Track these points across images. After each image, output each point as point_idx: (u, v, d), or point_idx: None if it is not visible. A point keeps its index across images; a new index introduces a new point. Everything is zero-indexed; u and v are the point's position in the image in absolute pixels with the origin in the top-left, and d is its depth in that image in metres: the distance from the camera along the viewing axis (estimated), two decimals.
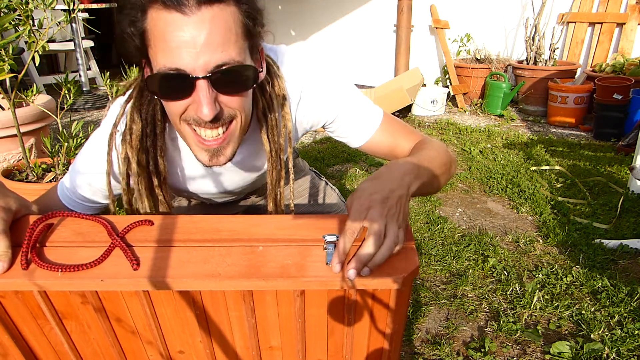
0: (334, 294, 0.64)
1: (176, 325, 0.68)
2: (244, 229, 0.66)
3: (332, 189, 1.32)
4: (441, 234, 2.19)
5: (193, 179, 0.96)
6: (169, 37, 0.68)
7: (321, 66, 0.93)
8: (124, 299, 0.64)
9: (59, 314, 0.66)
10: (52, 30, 1.77)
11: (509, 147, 3.33)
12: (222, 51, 0.70)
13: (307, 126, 0.98)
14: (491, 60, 4.37)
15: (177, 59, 0.69)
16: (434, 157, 0.84)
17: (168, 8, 0.68)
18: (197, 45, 0.68)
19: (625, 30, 4.03)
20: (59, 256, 0.64)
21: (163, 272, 0.59)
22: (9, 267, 0.62)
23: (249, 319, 0.65)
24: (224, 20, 0.69)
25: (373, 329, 0.68)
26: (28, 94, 2.05)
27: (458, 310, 1.69)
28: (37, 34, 1.61)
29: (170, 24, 0.68)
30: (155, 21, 0.70)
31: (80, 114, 4.27)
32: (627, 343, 1.49)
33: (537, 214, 2.36)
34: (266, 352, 0.71)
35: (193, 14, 0.68)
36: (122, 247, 0.63)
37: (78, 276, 0.60)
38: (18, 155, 2.19)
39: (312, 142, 3.59)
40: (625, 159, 3.03)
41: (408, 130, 0.98)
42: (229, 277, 0.58)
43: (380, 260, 0.62)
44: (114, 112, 0.88)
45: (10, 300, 0.64)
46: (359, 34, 5.09)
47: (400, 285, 0.59)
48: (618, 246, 2.01)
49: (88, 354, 0.72)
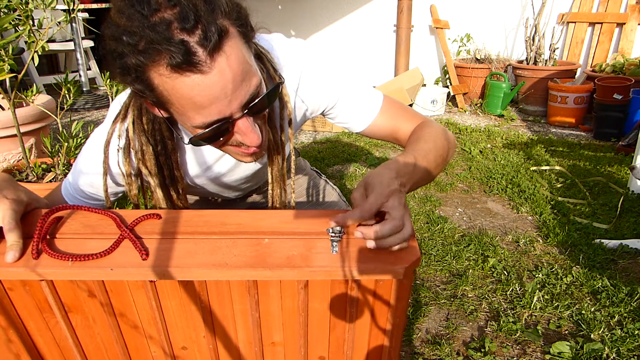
0: (337, 287, 0.65)
1: (180, 320, 0.68)
2: (249, 223, 0.68)
3: (332, 188, 1.32)
4: (441, 234, 2.19)
5: (197, 177, 0.97)
6: (197, 99, 0.67)
7: (318, 52, 0.93)
8: (130, 292, 0.65)
9: (65, 308, 0.67)
10: (52, 30, 1.77)
11: (509, 147, 3.33)
12: (247, 84, 0.70)
13: (308, 112, 0.98)
14: (491, 60, 4.37)
15: (214, 112, 0.69)
16: (429, 150, 0.85)
17: (182, 71, 0.64)
18: (228, 94, 0.68)
19: (625, 30, 4.03)
20: (68, 247, 0.65)
21: (171, 262, 0.60)
22: (20, 256, 0.63)
23: (252, 312, 0.66)
24: (236, 56, 0.67)
25: (374, 324, 0.69)
26: (28, 94, 2.05)
27: (458, 310, 1.69)
28: (37, 34, 1.61)
29: (193, 88, 0.66)
30: (171, 85, 0.66)
31: (80, 114, 4.27)
32: (627, 343, 1.49)
33: (537, 214, 2.36)
34: (268, 348, 0.71)
35: (211, 69, 0.65)
36: (131, 238, 0.64)
37: (88, 265, 0.61)
38: (18, 155, 2.19)
39: (312, 142, 3.59)
40: (625, 159, 3.03)
41: (409, 112, 0.99)
42: (235, 267, 0.59)
43: (390, 243, 0.64)
44: (113, 111, 0.88)
45: (18, 292, 0.65)
46: (359, 34, 5.09)
47: (402, 276, 0.60)
48: (618, 246, 2.01)
49: (91, 350, 0.72)
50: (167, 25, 0.62)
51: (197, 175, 0.96)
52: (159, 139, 0.85)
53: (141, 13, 0.63)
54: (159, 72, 0.65)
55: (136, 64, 0.65)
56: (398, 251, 0.64)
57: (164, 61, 0.64)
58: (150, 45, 0.63)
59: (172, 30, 0.62)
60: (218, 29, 0.64)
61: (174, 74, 0.64)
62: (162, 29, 0.62)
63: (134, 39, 0.63)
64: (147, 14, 0.63)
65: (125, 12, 0.64)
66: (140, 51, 0.64)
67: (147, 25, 0.63)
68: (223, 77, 0.66)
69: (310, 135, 3.76)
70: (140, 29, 0.63)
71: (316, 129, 3.88)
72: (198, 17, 0.63)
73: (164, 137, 0.85)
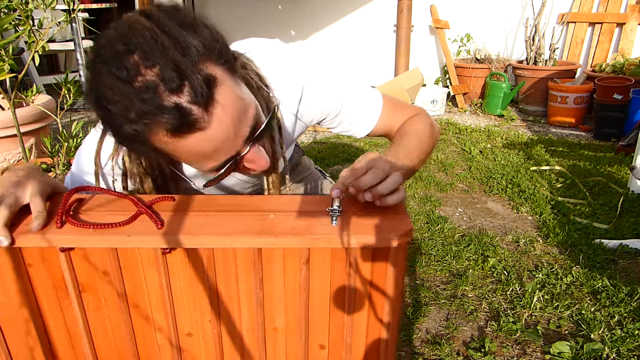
0: (337, 264, 0.69)
1: (188, 301, 0.72)
2: (257, 204, 0.75)
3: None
4: (441, 234, 2.19)
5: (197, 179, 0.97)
6: (204, 151, 0.67)
7: (319, 60, 0.93)
8: (142, 268, 0.69)
9: (80, 286, 0.71)
10: (52, 30, 1.77)
11: (509, 147, 3.33)
12: (246, 119, 0.70)
13: (308, 120, 0.98)
14: (491, 60, 4.37)
15: (222, 156, 0.70)
16: (413, 148, 0.89)
17: (182, 134, 0.63)
18: (231, 137, 0.68)
19: (625, 30, 4.03)
20: (89, 219, 0.71)
21: (183, 230, 0.67)
22: (45, 226, 0.67)
23: (257, 291, 0.70)
24: (230, 98, 0.66)
25: (372, 309, 0.72)
26: (28, 94, 2.05)
27: (458, 310, 1.69)
28: (37, 34, 1.61)
29: (197, 144, 0.65)
30: (173, 146, 0.66)
31: (80, 114, 4.27)
32: (627, 343, 1.49)
33: (537, 214, 2.36)
34: (270, 334, 0.74)
35: (210, 123, 0.64)
36: (148, 212, 0.70)
37: (107, 233, 0.66)
38: (18, 155, 2.19)
39: (312, 142, 3.59)
40: (625, 159, 3.03)
41: (401, 108, 1.02)
42: (243, 234, 0.65)
43: (383, 190, 0.68)
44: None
45: (37, 269, 0.70)
46: (359, 34, 5.09)
47: (396, 243, 0.65)
48: (618, 246, 2.01)
49: (99, 337, 0.75)
50: (154, 91, 0.60)
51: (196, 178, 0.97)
52: (155, 165, 0.85)
53: (121, 79, 0.60)
54: (158, 139, 0.65)
55: (133, 133, 0.64)
56: (392, 220, 0.69)
57: (162, 128, 0.63)
58: (143, 116, 0.61)
59: (160, 95, 0.60)
60: (205, 80, 0.62)
61: (174, 138, 0.64)
62: (149, 96, 0.60)
63: (122, 109, 0.61)
64: (128, 80, 0.60)
65: (104, 81, 0.61)
66: (133, 120, 0.62)
67: (132, 93, 0.60)
68: (222, 125, 0.65)
69: (310, 135, 3.76)
70: (125, 98, 0.61)
71: (316, 129, 3.88)
72: (181, 72, 0.60)
73: (160, 166, 0.85)
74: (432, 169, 2.98)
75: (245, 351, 0.76)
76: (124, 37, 0.61)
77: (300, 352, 0.76)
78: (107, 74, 0.61)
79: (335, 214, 0.68)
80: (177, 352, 0.76)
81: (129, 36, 0.61)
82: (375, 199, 0.69)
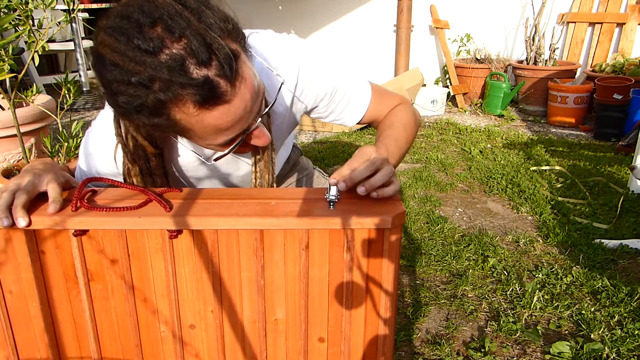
0: (334, 249, 0.72)
1: (192, 291, 0.75)
2: (259, 193, 0.80)
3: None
4: (441, 234, 2.19)
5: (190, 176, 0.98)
6: (223, 125, 0.68)
7: (312, 47, 0.95)
8: (150, 256, 0.73)
9: (89, 274, 0.74)
10: (52, 30, 1.77)
11: (509, 147, 3.33)
12: (258, 95, 0.72)
13: (303, 107, 0.99)
14: (491, 60, 4.37)
15: (236, 130, 0.71)
16: (400, 138, 0.94)
17: (210, 106, 0.64)
18: (248, 111, 0.70)
19: (625, 30, 4.04)
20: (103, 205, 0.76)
21: (190, 213, 0.71)
22: (61, 209, 0.71)
23: (258, 279, 0.73)
24: (249, 74, 0.68)
25: (369, 297, 0.75)
26: (28, 94, 2.05)
27: (458, 310, 1.69)
28: (37, 34, 1.61)
29: (220, 117, 0.66)
30: (196, 119, 0.66)
31: (80, 114, 4.27)
32: (627, 343, 1.49)
33: (537, 214, 2.36)
34: (271, 325, 0.76)
35: (235, 96, 0.65)
36: (157, 199, 0.74)
37: (120, 214, 0.71)
38: (18, 155, 2.19)
39: (312, 142, 3.59)
40: (625, 159, 3.03)
41: (387, 96, 1.05)
42: (246, 216, 0.69)
43: (377, 182, 0.71)
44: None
45: (50, 256, 0.73)
46: (359, 34, 5.09)
47: (390, 224, 0.69)
48: (618, 246, 2.01)
49: (104, 329, 0.77)
50: (182, 64, 0.60)
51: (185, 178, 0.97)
52: (142, 154, 0.84)
53: (146, 51, 0.60)
54: (183, 110, 0.65)
55: (154, 104, 0.63)
56: (386, 204, 0.72)
57: (189, 100, 0.63)
58: (170, 87, 0.61)
59: (189, 67, 0.61)
60: (231, 55, 0.63)
61: (201, 110, 0.65)
62: (177, 67, 0.60)
63: (146, 80, 0.61)
64: (154, 51, 0.60)
65: (126, 53, 0.60)
66: (157, 91, 0.62)
67: (157, 64, 0.60)
68: (244, 99, 0.67)
69: (310, 135, 3.76)
70: (151, 69, 0.60)
71: (316, 129, 3.88)
72: (208, 46, 0.61)
73: (147, 155, 0.84)
74: (432, 169, 2.98)
75: (246, 344, 0.77)
76: (144, 9, 0.61)
77: (300, 345, 0.77)
78: (129, 44, 0.60)
79: (333, 199, 0.72)
80: (180, 345, 0.77)
81: (151, 9, 0.61)
82: (370, 191, 0.71)
